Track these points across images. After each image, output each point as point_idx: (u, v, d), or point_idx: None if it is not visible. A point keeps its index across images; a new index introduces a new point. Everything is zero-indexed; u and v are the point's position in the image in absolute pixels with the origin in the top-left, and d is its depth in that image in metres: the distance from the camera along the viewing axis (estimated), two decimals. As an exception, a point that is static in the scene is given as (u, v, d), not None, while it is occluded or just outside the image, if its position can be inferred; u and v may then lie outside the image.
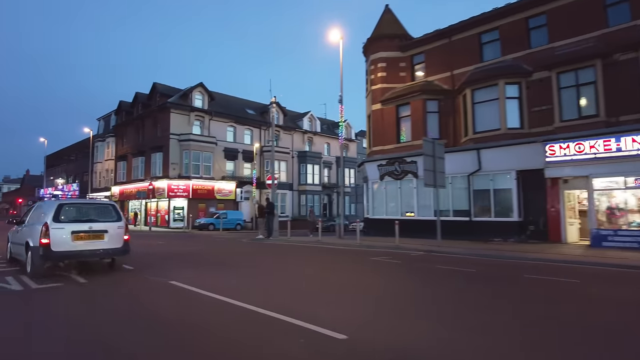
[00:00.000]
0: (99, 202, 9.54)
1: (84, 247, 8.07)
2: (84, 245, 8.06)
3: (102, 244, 8.25)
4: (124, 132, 41.66)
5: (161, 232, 27.82)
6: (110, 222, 8.52)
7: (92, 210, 8.69)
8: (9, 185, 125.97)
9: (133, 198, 38.55)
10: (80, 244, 8.02)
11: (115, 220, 8.66)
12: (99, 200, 10.14)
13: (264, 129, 41.17)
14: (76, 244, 7.97)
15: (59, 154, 63.87)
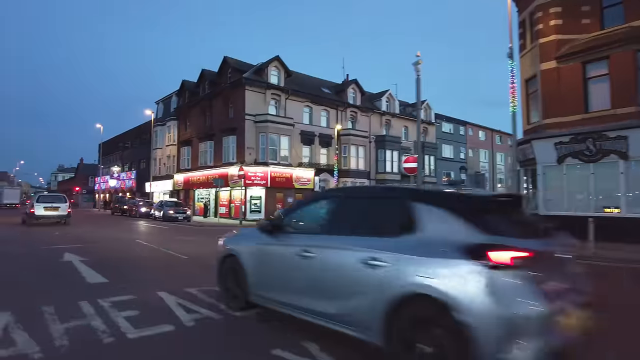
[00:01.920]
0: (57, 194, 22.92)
1: (49, 214, 19.54)
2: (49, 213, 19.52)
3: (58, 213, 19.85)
4: (188, 115, 38.08)
5: (222, 225, 23.82)
6: (63, 203, 20.24)
7: (55, 197, 21.17)
8: (63, 174, 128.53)
9: (200, 186, 34.99)
10: (48, 213, 19.47)
11: (64, 202, 20.46)
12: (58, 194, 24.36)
13: (341, 109, 36.47)
14: (46, 212, 19.41)
15: (114, 141, 61.97)
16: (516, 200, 3.70)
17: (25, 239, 13.50)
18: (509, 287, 2.69)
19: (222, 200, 32.76)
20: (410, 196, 3.59)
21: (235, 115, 31.22)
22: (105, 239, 13.73)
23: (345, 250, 3.65)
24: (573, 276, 3.24)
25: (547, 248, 3.13)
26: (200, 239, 14.37)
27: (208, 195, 34.48)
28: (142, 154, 51.28)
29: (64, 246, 10.80)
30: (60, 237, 13.62)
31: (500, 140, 59.88)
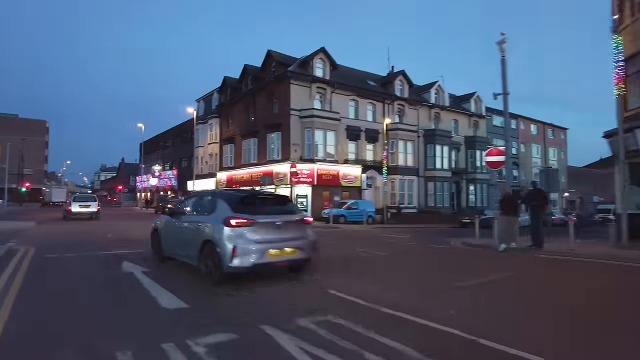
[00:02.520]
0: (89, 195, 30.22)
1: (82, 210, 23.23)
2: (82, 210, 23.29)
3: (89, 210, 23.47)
4: (230, 112, 37.35)
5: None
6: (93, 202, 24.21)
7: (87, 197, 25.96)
8: (106, 174, 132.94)
9: (244, 185, 34.11)
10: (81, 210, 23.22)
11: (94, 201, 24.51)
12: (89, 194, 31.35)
13: (388, 102, 34.65)
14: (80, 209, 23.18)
15: (154, 141, 62.62)
16: (269, 195, 8.44)
17: (75, 241, 12.69)
18: (235, 235, 6.18)
19: (266, 198, 31.73)
20: (214, 195, 7.58)
21: (280, 110, 30.08)
22: None
23: (193, 221, 7.31)
24: (285, 232, 6.65)
25: (264, 219, 6.51)
26: None
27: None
28: (183, 153, 51.29)
29: (120, 252, 9.72)
30: (112, 239, 12.71)
31: (552, 134, 56.18)
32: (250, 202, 7.12)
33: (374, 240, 15.39)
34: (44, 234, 14.51)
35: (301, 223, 7.18)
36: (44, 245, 10.95)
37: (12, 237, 13.07)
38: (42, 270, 7.21)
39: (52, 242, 11.94)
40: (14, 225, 17.07)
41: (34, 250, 9.65)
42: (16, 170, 66.05)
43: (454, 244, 14.16)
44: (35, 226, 17.87)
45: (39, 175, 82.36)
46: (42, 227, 17.62)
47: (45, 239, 12.74)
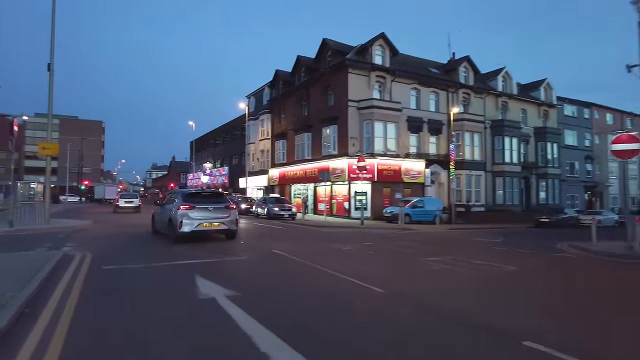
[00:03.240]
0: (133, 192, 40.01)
1: (127, 205, 29.09)
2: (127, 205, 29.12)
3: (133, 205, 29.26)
4: (282, 106, 36.01)
5: (341, 225, 20.66)
6: (135, 199, 30.40)
7: (131, 194, 33.08)
8: (157, 172, 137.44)
9: (297, 181, 32.70)
10: (126, 205, 29.15)
11: (137, 198, 30.83)
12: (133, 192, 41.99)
13: (452, 91, 31.90)
14: (125, 205, 29.20)
15: (205, 138, 62.88)
16: (209, 192, 14.22)
17: (132, 242, 11.52)
18: (181, 214, 11.05)
19: (321, 196, 30.10)
20: (176, 192, 13.67)
21: (337, 102, 28.25)
22: (231, 247, 11.11)
23: (166, 208, 12.29)
24: (214, 213, 11.43)
25: (200, 206, 11.37)
26: (353, 250, 11.31)
27: (305, 191, 32.03)
28: (233, 150, 50.82)
29: (187, 261, 8.25)
30: (173, 245, 11.42)
31: (630, 123, 50.52)
32: (195, 196, 12.20)
33: (473, 247, 13.27)
34: (101, 235, 13.54)
35: (226, 209, 11.92)
36: (101, 249, 9.79)
37: (70, 238, 12.13)
38: (99, 293, 5.71)
39: (109, 245, 10.83)
40: (71, 223, 16.39)
41: (90, 258, 8.40)
42: (76, 169, 68.82)
43: (573, 251, 11.84)
44: (92, 225, 17.15)
45: (97, 173, 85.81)
46: (98, 227, 16.84)
47: (102, 241, 11.68)
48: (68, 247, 9.96)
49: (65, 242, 11.09)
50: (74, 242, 11.00)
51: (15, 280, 5.55)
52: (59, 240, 11.48)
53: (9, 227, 13.42)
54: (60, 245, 10.23)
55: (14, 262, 7.24)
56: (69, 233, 13.55)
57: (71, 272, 6.86)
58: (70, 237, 12.26)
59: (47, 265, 6.77)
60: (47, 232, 13.70)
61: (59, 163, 75.62)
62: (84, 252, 9.13)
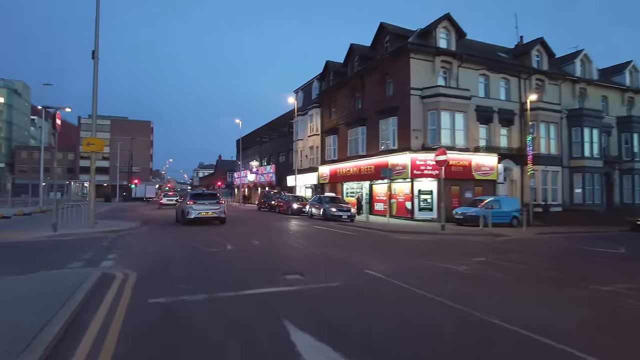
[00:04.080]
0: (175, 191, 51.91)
1: (169, 202, 35.24)
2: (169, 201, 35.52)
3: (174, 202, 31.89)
4: (333, 99, 33.77)
5: (416, 230, 18.00)
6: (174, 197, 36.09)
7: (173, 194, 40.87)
8: (203, 171, 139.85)
9: (350, 179, 30.38)
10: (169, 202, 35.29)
11: (176, 196, 36.29)
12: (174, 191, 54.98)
13: (524, 77, 28.38)
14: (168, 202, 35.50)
15: (251, 136, 61.93)
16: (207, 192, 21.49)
17: (188, 256, 9.65)
18: (188, 207, 17.76)
19: (378, 194, 27.58)
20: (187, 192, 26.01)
21: (396, 91, 25.65)
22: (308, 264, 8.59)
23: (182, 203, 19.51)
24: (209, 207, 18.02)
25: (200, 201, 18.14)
26: (474, 271, 8.20)
27: (360, 190, 29.65)
28: (280, 147, 49.31)
29: (257, 291, 6.06)
30: (236, 255, 9.44)
31: None
32: (198, 195, 19.23)
33: (614, 264, 10.32)
34: (147, 240, 11.86)
35: (217, 203, 18.38)
36: (147, 264, 7.94)
37: (114, 245, 10.47)
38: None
39: (155, 255, 9.01)
40: (117, 226, 14.97)
41: (133, 281, 6.54)
42: (127, 168, 70.16)
43: None
44: (138, 227, 15.65)
45: (146, 172, 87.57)
46: (145, 230, 15.28)
47: (149, 252, 9.89)
48: (110, 261, 8.26)
49: (109, 251, 9.46)
50: (118, 252, 9.32)
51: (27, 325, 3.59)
52: (101, 249, 9.86)
53: (53, 232, 12.04)
54: (102, 257, 8.61)
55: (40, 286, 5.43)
56: (114, 238, 12.03)
57: (105, 310, 4.89)
58: (114, 244, 10.67)
59: (75, 296, 4.88)
60: (92, 237, 12.24)
61: (110, 162, 77.62)
62: (127, 270, 7.29)
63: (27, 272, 6.48)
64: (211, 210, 17.75)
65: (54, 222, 12.16)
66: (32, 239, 11.24)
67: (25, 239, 11.20)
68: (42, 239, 11.36)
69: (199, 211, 17.44)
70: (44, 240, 11.28)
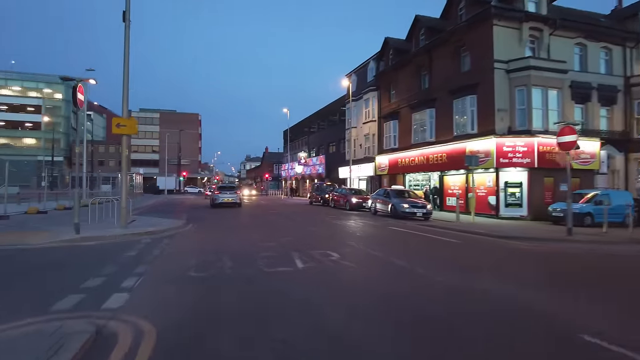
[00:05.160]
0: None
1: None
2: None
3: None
4: (393, 80, 30.22)
5: (513, 232, 14.28)
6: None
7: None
8: (250, 163, 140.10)
9: (414, 170, 26.85)
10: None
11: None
12: None
13: (630, 46, 23.51)
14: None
15: (298, 127, 59.41)
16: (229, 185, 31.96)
17: (237, 287, 6.89)
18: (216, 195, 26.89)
19: (451, 187, 23.91)
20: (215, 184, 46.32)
21: (475, 65, 21.81)
22: (462, 314, 5.65)
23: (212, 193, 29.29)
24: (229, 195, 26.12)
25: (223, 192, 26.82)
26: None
27: (427, 182, 26.09)
28: (330, 137, 46.40)
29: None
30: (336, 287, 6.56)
31: None
32: (223, 187, 28.33)
33: None
34: (191, 251, 9.25)
35: (235, 193, 26.36)
36: (182, 307, 5.03)
37: (142, 258, 7.89)
38: None
39: (200, 286, 6.20)
40: (153, 227, 12.39)
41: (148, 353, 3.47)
42: (175, 160, 70.06)
43: None
44: (182, 227, 13.15)
45: (194, 165, 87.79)
46: (190, 232, 12.78)
47: (189, 268, 7.18)
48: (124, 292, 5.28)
49: (134, 267, 6.74)
50: (145, 269, 6.60)
51: None
52: (125, 263, 7.13)
53: (75, 234, 9.72)
54: (118, 281, 5.79)
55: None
56: (148, 244, 9.50)
57: None
58: (145, 254, 8.07)
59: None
60: (120, 242, 9.77)
61: (160, 155, 78.12)
62: (143, 319, 4.29)
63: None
64: (230, 197, 25.80)
65: (75, 222, 9.83)
66: (45, 244, 8.95)
67: (37, 244, 8.91)
68: (57, 244, 9.03)
69: (222, 198, 25.59)
70: (58, 246, 8.95)
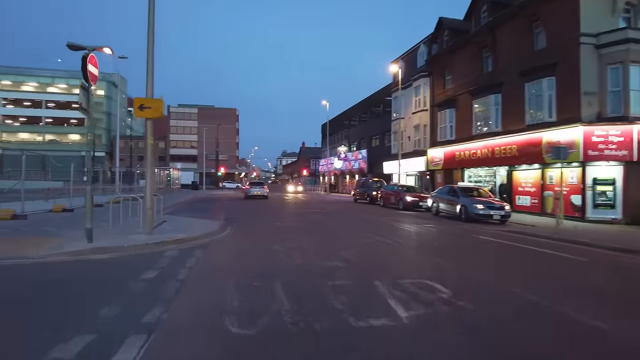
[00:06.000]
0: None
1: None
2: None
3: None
4: (449, 64, 27.13)
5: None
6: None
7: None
8: (286, 159, 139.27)
9: (475, 164, 23.85)
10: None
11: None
12: None
13: None
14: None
15: (337, 120, 56.90)
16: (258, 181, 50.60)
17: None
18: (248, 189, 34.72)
19: (522, 184, 20.76)
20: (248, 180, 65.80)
21: (553, 41, 18.56)
22: None
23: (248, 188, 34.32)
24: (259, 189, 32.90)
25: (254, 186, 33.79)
26: None
27: (492, 178, 23.03)
28: (373, 130, 43.69)
29: None
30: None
31: None
32: (253, 182, 36.41)
33: None
34: (229, 270, 7.09)
35: (263, 188, 32.91)
36: None
37: (165, 282, 5.77)
38: None
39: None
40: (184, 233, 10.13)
41: None
42: (213, 156, 69.47)
43: None
44: (218, 233, 10.93)
45: (232, 160, 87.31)
46: (227, 238, 10.68)
47: (226, 311, 4.95)
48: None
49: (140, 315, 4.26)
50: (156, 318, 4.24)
51: None
52: (132, 301, 4.80)
53: (86, 242, 7.80)
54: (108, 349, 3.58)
55: None
56: (174, 258, 7.38)
57: None
58: (162, 285, 5.56)
59: None
60: (139, 255, 7.69)
61: (198, 151, 77.93)
62: None
63: None
64: (259, 191, 31.90)
65: (87, 228, 7.88)
66: (44, 258, 6.96)
67: (35, 257, 6.91)
68: (59, 258, 7.05)
69: (253, 191, 31.80)
70: (59, 260, 6.95)
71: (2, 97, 77.99)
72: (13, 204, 13.15)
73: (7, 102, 78.43)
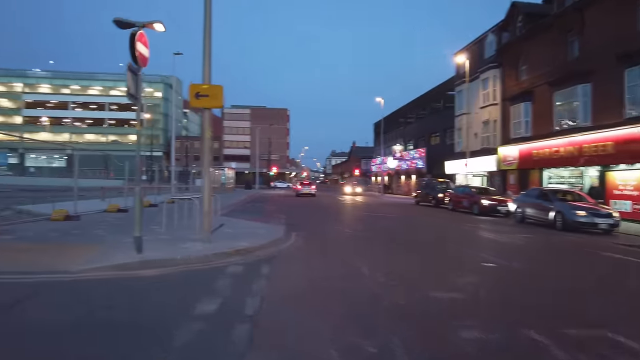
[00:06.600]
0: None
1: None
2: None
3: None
4: (524, 52, 24.45)
5: None
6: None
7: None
8: (336, 159, 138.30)
9: (557, 164, 21.19)
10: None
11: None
12: None
13: None
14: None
15: (391, 118, 54.73)
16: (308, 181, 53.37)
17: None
18: (298, 189, 41.06)
19: (619, 187, 17.94)
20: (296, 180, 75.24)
21: (666, 17, 15.79)
22: None
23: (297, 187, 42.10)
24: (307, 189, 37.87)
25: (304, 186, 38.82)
26: None
27: (578, 180, 20.32)
28: (433, 126, 41.30)
29: None
30: None
31: None
32: (302, 182, 41.43)
33: None
34: (310, 310, 5.71)
35: (310, 187, 38.01)
36: None
37: (232, 325, 4.31)
38: None
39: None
40: (248, 238, 8.93)
41: None
42: (265, 155, 69.69)
43: None
44: (284, 242, 9.51)
45: (283, 160, 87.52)
46: (297, 249, 9.35)
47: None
48: None
49: None
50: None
51: None
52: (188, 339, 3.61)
53: (135, 253, 6.77)
54: None
55: None
56: (233, 282, 5.80)
57: None
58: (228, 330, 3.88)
59: None
60: (194, 271, 6.39)
61: (251, 150, 78.71)
62: None
63: None
64: (308, 190, 36.27)
65: (136, 237, 6.80)
66: (83, 273, 5.79)
67: (72, 272, 5.76)
68: (101, 274, 5.83)
69: (303, 190, 36.20)
70: (100, 277, 5.78)
71: (72, 102, 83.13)
72: (67, 204, 12.78)
73: (76, 106, 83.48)
